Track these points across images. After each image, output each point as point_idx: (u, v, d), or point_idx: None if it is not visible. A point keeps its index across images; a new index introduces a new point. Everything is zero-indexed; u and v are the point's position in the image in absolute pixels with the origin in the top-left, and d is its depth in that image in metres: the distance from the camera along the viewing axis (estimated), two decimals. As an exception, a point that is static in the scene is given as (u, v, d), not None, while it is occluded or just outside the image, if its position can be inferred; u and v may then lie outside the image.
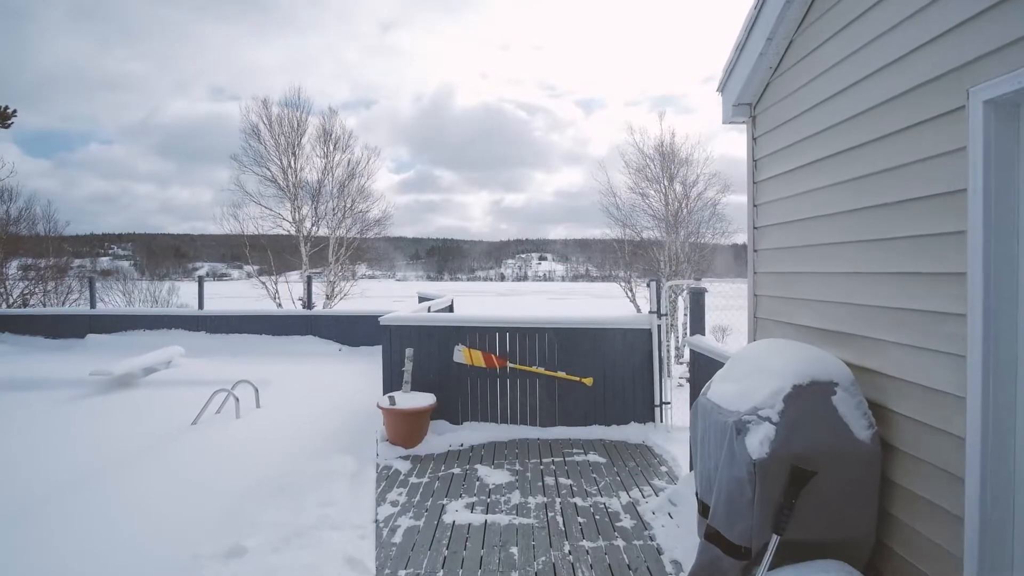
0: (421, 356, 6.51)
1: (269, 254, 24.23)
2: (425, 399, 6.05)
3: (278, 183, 23.58)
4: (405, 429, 5.88)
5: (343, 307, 23.63)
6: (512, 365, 6.56)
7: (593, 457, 5.79)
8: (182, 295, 38.00)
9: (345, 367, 10.21)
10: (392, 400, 5.83)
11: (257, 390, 6.94)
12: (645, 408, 6.56)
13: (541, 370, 6.53)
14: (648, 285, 6.76)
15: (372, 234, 24.98)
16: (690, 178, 18.38)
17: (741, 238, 22.83)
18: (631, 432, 6.43)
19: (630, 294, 17.96)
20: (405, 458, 5.76)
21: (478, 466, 5.53)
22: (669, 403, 6.56)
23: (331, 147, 23.78)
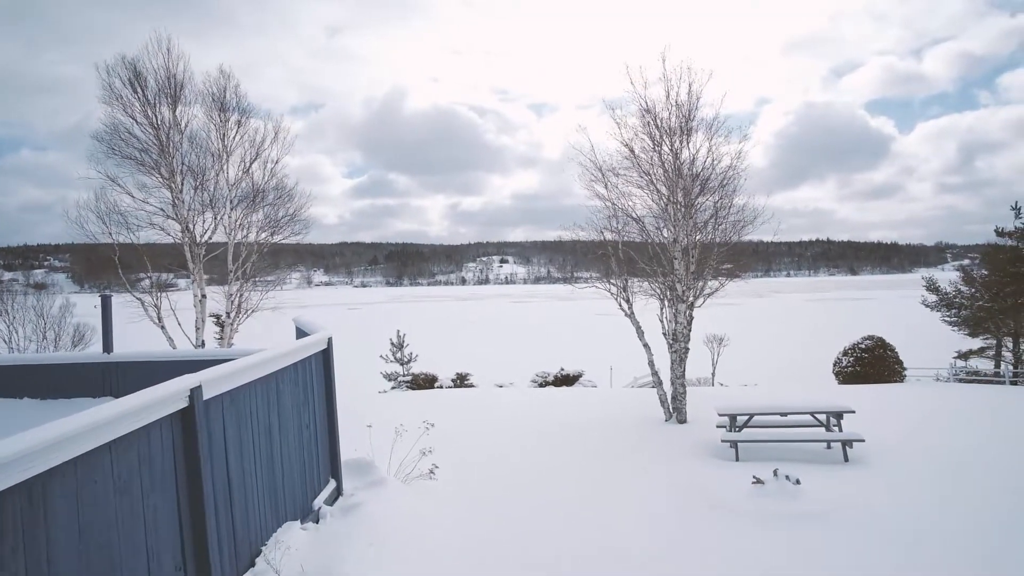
0: None
1: (146, 261, 17.61)
2: None
3: (160, 171, 16.95)
4: None
5: (237, 341, 17.23)
6: None
7: None
8: (80, 312, 30.62)
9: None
10: None
11: None
12: None
13: None
14: None
15: (287, 234, 18.53)
16: (696, 145, 12.59)
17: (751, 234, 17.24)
18: None
19: (625, 306, 12.21)
20: None
21: None
22: None
23: (223, 119, 17.28)
